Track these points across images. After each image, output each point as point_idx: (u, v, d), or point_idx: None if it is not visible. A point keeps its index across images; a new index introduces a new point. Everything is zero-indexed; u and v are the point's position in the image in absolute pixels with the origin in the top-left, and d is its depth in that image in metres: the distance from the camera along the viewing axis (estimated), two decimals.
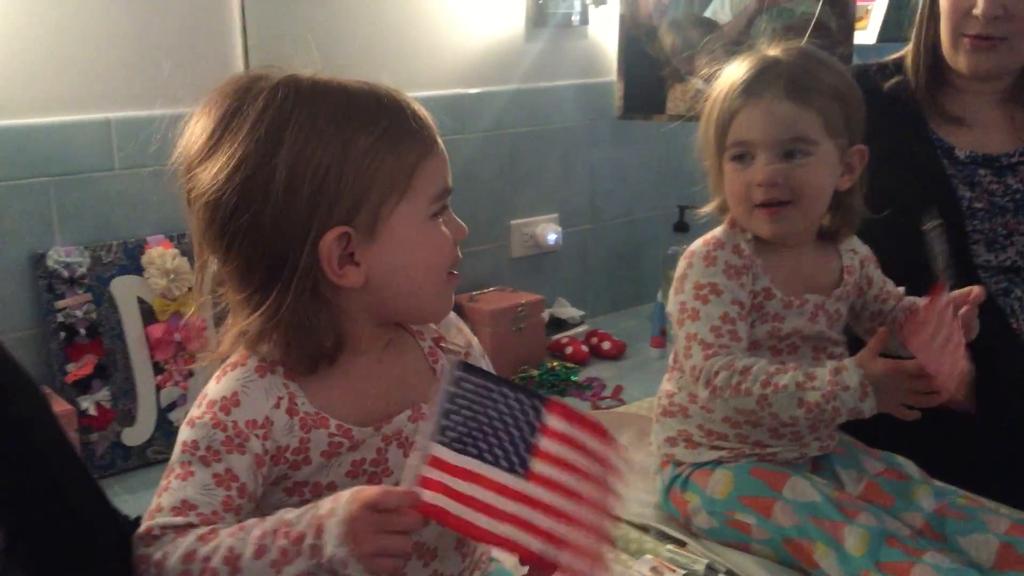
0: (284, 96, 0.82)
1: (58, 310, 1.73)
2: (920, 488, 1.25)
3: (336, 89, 0.85)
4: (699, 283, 1.22)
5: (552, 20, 2.43)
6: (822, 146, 1.19)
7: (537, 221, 2.50)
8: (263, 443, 0.83)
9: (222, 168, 0.82)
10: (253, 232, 0.82)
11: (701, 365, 1.18)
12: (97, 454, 1.77)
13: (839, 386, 1.10)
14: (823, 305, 1.26)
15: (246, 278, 0.84)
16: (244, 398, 0.84)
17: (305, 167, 0.81)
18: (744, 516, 1.21)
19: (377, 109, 0.84)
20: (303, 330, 0.83)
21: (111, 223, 1.82)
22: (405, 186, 0.84)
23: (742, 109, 1.20)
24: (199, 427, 0.84)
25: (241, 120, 0.82)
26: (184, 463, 0.83)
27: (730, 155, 1.22)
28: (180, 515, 0.80)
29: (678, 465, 1.29)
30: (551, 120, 2.49)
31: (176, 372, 1.85)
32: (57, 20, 1.74)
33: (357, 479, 0.87)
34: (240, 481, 0.82)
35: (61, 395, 1.71)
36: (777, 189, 1.19)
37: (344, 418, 0.87)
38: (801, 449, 1.27)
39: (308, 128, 0.81)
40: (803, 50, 1.25)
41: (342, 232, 0.82)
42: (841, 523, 1.14)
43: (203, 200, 0.83)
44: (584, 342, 2.37)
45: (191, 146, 0.86)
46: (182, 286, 1.83)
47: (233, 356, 0.88)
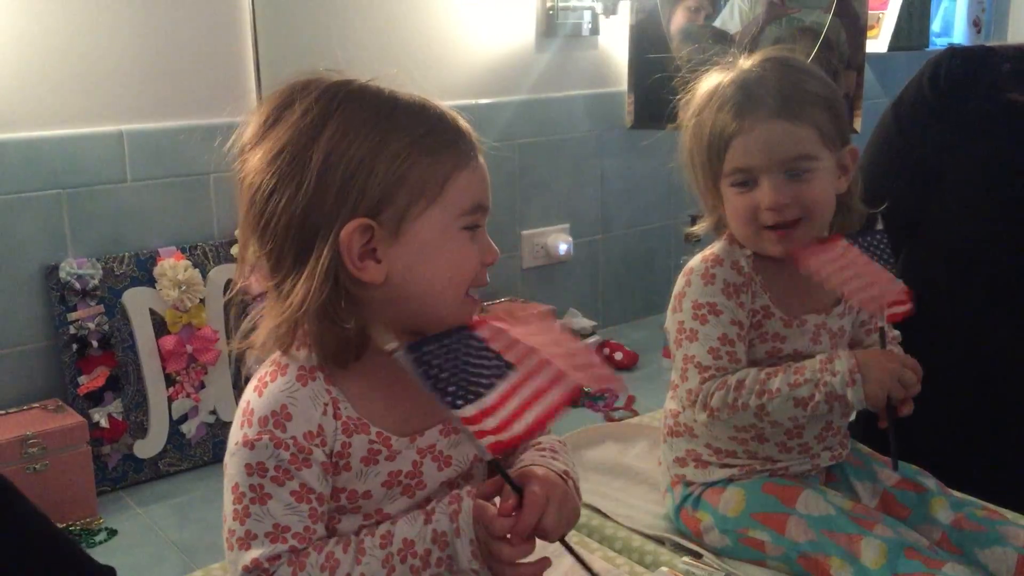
0: (333, 95, 0.85)
1: (70, 322, 1.74)
2: (937, 500, 1.24)
3: (384, 95, 0.87)
4: (697, 302, 1.20)
5: (562, 30, 2.43)
6: (822, 158, 1.17)
7: (548, 231, 2.50)
8: (323, 450, 0.85)
9: (266, 153, 0.85)
10: (285, 216, 0.84)
11: (697, 389, 1.17)
12: (109, 466, 1.77)
13: (828, 372, 1.12)
14: (824, 324, 1.24)
15: (278, 262, 0.86)
16: (294, 410, 0.84)
17: (339, 158, 0.83)
18: (758, 533, 1.19)
19: (420, 115, 0.87)
20: (327, 319, 0.84)
21: (123, 235, 1.82)
22: (436, 192, 0.85)
23: (737, 135, 1.17)
24: (260, 449, 0.84)
25: (291, 112, 0.85)
26: (255, 486, 0.83)
27: (730, 181, 1.20)
28: (279, 541, 0.82)
29: (689, 485, 1.28)
30: (562, 130, 2.49)
31: (188, 384, 1.85)
32: (70, 33, 1.75)
33: (392, 489, 0.88)
34: (317, 491, 0.84)
35: (73, 407, 1.71)
36: (787, 210, 1.17)
37: (383, 426, 0.88)
38: (812, 461, 1.26)
39: (349, 122, 0.84)
40: (781, 61, 1.21)
41: (365, 224, 0.83)
42: (857, 536, 1.12)
43: (247, 182, 0.86)
44: (596, 353, 2.36)
45: (244, 136, 0.88)
46: (194, 298, 1.83)
47: (268, 365, 0.89)
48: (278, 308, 0.86)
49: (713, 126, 1.19)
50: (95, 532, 1.62)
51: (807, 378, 1.13)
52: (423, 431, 0.90)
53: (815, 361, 1.14)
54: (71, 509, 1.63)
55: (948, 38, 3.38)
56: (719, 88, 1.20)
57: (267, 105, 0.87)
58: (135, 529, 1.64)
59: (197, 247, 1.88)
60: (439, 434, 0.91)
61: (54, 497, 1.60)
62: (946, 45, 3.10)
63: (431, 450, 0.90)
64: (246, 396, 0.88)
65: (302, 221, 0.83)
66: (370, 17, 2.11)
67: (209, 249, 1.89)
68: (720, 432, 1.24)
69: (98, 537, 1.61)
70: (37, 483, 1.58)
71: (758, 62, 1.21)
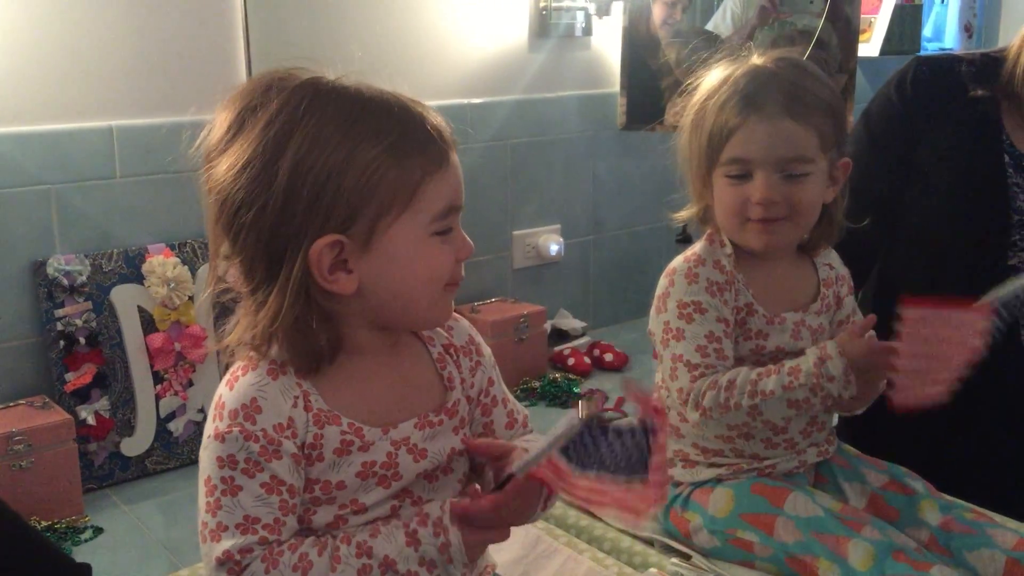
0: (299, 100, 0.83)
1: (58, 318, 1.73)
2: (925, 502, 1.24)
3: (351, 96, 0.85)
4: (682, 301, 1.21)
5: (555, 31, 2.42)
6: (817, 163, 1.19)
7: (539, 232, 2.50)
8: (293, 442, 0.86)
9: (232, 164, 0.84)
10: (255, 230, 0.83)
11: (688, 387, 1.18)
12: (95, 464, 1.76)
13: (824, 377, 1.12)
14: (803, 321, 1.25)
15: (249, 273, 0.86)
16: (264, 403, 0.85)
17: (306, 173, 0.82)
18: (746, 534, 1.20)
19: (388, 120, 0.85)
20: (300, 332, 0.85)
21: (112, 231, 1.81)
22: (406, 201, 0.84)
23: (742, 126, 1.18)
24: (230, 441, 0.84)
25: (256, 119, 0.84)
26: (226, 478, 0.84)
27: (725, 171, 1.21)
28: (249, 532, 0.83)
29: (677, 485, 1.28)
30: (554, 131, 2.48)
31: (176, 382, 1.84)
32: (60, 27, 1.74)
33: (367, 480, 0.89)
34: (287, 483, 0.85)
35: (60, 404, 1.70)
36: (775, 207, 1.19)
37: (354, 417, 0.88)
38: (799, 457, 1.26)
39: (314, 134, 0.82)
40: (793, 62, 1.23)
41: (334, 240, 0.83)
42: (845, 537, 1.13)
43: (215, 193, 0.86)
44: (586, 353, 2.36)
45: (210, 139, 0.87)
46: (183, 295, 1.82)
47: (241, 360, 0.89)
48: (251, 319, 0.86)
49: (718, 115, 1.20)
50: (81, 530, 1.61)
51: (802, 382, 1.13)
52: (397, 424, 0.90)
53: (808, 362, 1.14)
54: (57, 507, 1.62)
55: (939, 43, 3.39)
56: (729, 80, 1.21)
57: (231, 108, 0.86)
58: (121, 527, 1.63)
59: (186, 244, 1.87)
60: (414, 427, 0.91)
61: (39, 494, 1.59)
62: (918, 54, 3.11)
63: (405, 442, 0.90)
64: (219, 390, 0.88)
65: (270, 237, 0.83)
66: (363, 15, 2.10)
67: (198, 246, 1.88)
68: (707, 431, 1.24)
69: (84, 535, 1.60)
70: (22, 480, 1.57)
71: (771, 59, 1.22)
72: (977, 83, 1.51)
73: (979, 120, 1.50)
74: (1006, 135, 1.49)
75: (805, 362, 1.14)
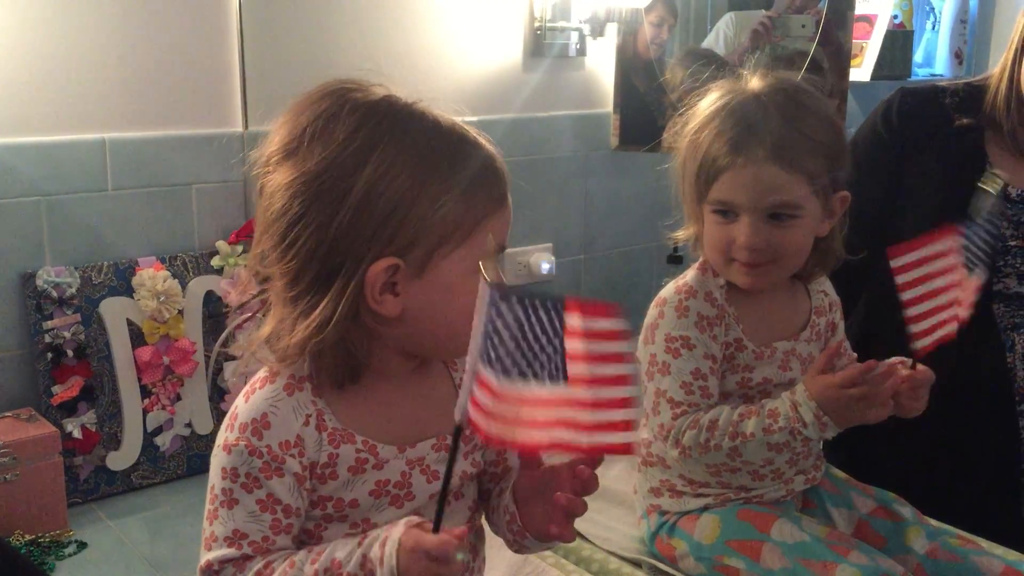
0: (378, 121, 0.84)
1: (46, 330, 1.72)
2: (912, 529, 1.24)
3: (429, 124, 0.87)
4: (671, 335, 1.19)
5: (550, 51, 2.44)
6: (806, 207, 1.16)
7: (531, 250, 2.50)
8: (299, 460, 0.85)
9: (299, 173, 0.83)
10: (312, 242, 0.83)
11: (670, 425, 1.17)
12: (81, 478, 1.74)
13: (799, 422, 1.12)
14: (793, 351, 1.24)
15: (295, 280, 0.85)
16: (274, 419, 0.85)
17: (380, 194, 0.82)
18: (732, 560, 1.19)
19: (462, 154, 0.87)
20: (337, 347, 0.85)
21: (102, 244, 1.81)
22: (465, 236, 0.85)
23: (729, 168, 1.15)
24: (236, 454, 0.85)
25: (334, 127, 0.84)
26: (227, 490, 0.85)
27: (713, 207, 1.19)
28: (234, 546, 0.84)
29: (664, 513, 1.28)
30: (547, 150, 2.49)
31: (164, 396, 1.83)
32: (53, 40, 1.74)
33: (380, 499, 0.89)
34: (284, 503, 0.85)
35: (46, 417, 1.69)
36: (759, 253, 1.17)
37: (369, 435, 0.88)
38: (786, 487, 1.26)
39: (393, 157, 0.83)
40: (790, 94, 1.18)
41: (392, 263, 0.83)
42: (832, 563, 1.12)
43: (272, 198, 0.85)
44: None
45: (273, 140, 0.87)
46: (172, 309, 1.82)
47: (262, 371, 0.89)
48: (289, 326, 0.85)
49: (708, 150, 1.18)
50: (65, 544, 1.59)
51: (781, 426, 1.13)
52: (415, 443, 0.90)
53: (785, 404, 1.13)
54: (41, 520, 1.61)
55: (930, 68, 3.42)
56: (723, 110, 1.18)
57: (301, 116, 0.86)
58: (106, 542, 1.61)
59: (177, 258, 1.86)
60: (431, 448, 0.91)
61: (24, 508, 1.58)
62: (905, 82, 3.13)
63: (420, 462, 0.90)
64: (237, 400, 0.89)
65: (329, 251, 0.83)
66: (358, 33, 2.11)
67: (189, 260, 1.87)
68: (693, 464, 1.24)
69: (68, 550, 1.58)
70: (7, 493, 1.56)
71: (767, 91, 1.18)
72: (961, 112, 1.54)
73: (963, 148, 1.52)
74: (989, 163, 1.51)
75: (783, 404, 1.13)
